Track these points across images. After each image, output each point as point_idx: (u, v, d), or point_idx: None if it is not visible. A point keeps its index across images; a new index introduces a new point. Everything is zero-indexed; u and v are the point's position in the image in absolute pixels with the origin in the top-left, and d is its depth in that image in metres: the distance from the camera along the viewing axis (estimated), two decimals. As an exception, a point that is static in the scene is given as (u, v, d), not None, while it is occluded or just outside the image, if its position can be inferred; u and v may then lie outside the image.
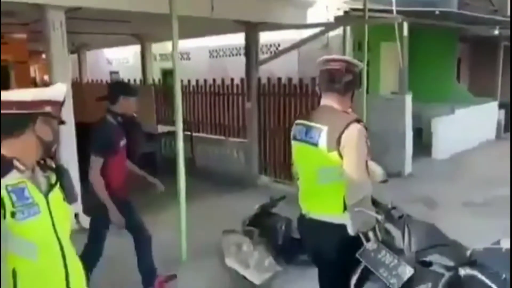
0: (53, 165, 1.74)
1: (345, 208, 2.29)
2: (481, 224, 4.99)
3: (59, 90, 1.72)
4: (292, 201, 3.04)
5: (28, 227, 1.53)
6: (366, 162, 2.25)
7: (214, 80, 8.48)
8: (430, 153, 9.08)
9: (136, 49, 10.60)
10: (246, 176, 7.59)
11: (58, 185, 1.70)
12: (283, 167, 7.28)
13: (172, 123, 7.75)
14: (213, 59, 11.24)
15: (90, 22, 7.21)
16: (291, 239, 3.96)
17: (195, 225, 4.77)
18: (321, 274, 2.56)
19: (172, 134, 8.57)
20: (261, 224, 4.17)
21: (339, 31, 8.04)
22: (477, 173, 7.89)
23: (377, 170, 2.20)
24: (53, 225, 1.62)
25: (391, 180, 7.80)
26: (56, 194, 1.68)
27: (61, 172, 1.73)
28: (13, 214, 1.50)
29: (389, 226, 2.12)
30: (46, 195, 1.63)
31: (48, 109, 1.63)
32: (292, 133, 2.55)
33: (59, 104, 1.70)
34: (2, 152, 1.58)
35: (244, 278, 3.63)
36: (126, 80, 10.68)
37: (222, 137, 8.55)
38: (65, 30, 5.14)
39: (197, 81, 8.77)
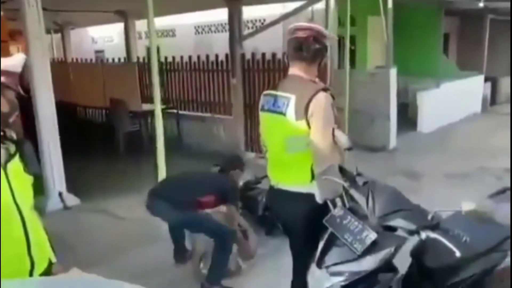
0: (14, 136, 1.73)
1: (313, 177, 2.32)
2: (460, 194, 5.07)
3: (17, 61, 1.69)
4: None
5: (-14, 197, 1.54)
6: (333, 130, 2.27)
7: (198, 56, 8.39)
8: (416, 127, 9.14)
9: (121, 27, 10.44)
10: (232, 152, 7.59)
11: (17, 155, 1.69)
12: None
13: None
14: (199, 36, 11.12)
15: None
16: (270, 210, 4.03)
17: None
18: (292, 242, 2.60)
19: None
20: (243, 197, 4.27)
21: (323, 5, 7.97)
22: (461, 145, 7.99)
23: (342, 138, 2.22)
24: (13, 195, 1.62)
25: (376, 153, 7.93)
26: (16, 164, 1.67)
27: (20, 143, 1.72)
28: (-31, 184, 1.50)
29: (354, 193, 2.16)
30: (4, 166, 1.62)
31: (3, 79, 1.61)
32: (260, 104, 2.55)
33: (16, 75, 1.67)
34: None
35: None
36: (110, 59, 10.60)
37: (208, 114, 8.53)
38: (40, 7, 5.05)
39: (181, 57, 8.68)
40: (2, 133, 1.69)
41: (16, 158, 1.68)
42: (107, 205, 5.37)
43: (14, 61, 1.69)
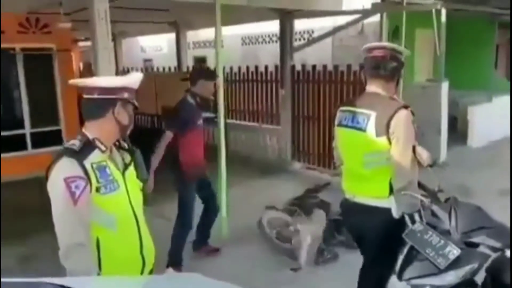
0: (126, 146, 1.90)
1: (391, 192, 2.39)
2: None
3: (135, 78, 1.87)
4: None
5: (109, 200, 1.70)
6: (414, 146, 2.33)
7: (247, 67, 8.57)
8: (465, 141, 8.97)
9: (169, 37, 10.78)
10: (278, 162, 7.71)
11: (132, 164, 1.86)
12: (315, 154, 7.37)
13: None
14: (246, 47, 11.33)
15: (130, 10, 7.41)
16: (329, 220, 4.09)
17: (232, 206, 4.97)
18: (365, 255, 2.66)
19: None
20: (302, 205, 4.35)
21: (373, 18, 7.99)
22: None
23: (424, 154, 2.29)
24: (129, 200, 1.79)
25: (426, 167, 7.79)
26: (131, 172, 1.85)
27: (133, 152, 1.89)
28: (97, 189, 1.67)
29: (436, 209, 2.20)
30: (123, 173, 1.79)
31: (125, 95, 1.79)
32: (337, 120, 2.63)
33: (134, 91, 1.85)
34: (85, 132, 1.75)
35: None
36: (160, 68, 10.97)
37: (255, 124, 8.67)
38: (109, 19, 5.33)
39: (231, 68, 8.89)
40: (118, 144, 1.87)
41: (131, 166, 1.85)
42: (162, 209, 5.59)
43: (133, 79, 1.86)
